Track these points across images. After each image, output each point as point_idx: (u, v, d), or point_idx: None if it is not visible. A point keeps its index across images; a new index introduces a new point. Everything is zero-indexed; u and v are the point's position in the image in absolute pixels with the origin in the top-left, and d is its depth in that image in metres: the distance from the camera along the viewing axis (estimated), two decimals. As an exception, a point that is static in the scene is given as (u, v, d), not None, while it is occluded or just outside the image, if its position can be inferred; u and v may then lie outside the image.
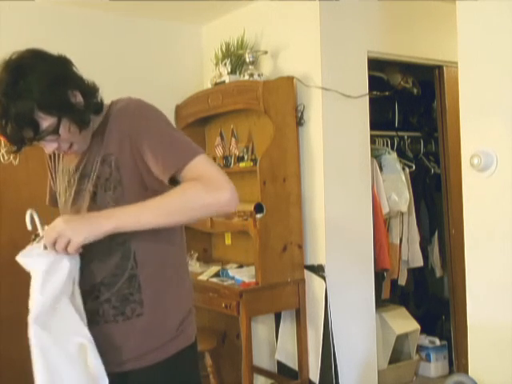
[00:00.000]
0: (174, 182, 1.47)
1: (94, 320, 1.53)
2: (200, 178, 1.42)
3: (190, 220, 1.50)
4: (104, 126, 1.56)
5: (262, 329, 3.82)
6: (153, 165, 1.47)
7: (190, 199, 1.42)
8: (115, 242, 1.51)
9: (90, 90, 1.52)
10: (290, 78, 3.44)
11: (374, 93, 3.75)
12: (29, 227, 1.46)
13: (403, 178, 4.09)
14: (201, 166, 1.44)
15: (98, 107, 1.55)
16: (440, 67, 4.05)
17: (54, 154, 1.69)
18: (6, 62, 1.44)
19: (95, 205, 1.52)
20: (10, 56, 1.44)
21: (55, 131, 1.44)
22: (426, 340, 4.21)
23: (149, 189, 1.51)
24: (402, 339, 4.08)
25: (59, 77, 1.45)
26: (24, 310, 1.42)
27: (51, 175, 1.77)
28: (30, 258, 1.42)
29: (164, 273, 1.57)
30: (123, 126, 1.51)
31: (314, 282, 3.43)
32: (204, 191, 1.41)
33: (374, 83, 3.78)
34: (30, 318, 1.39)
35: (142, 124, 1.49)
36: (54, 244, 1.39)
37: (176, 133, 1.52)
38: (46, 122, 1.42)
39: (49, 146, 1.49)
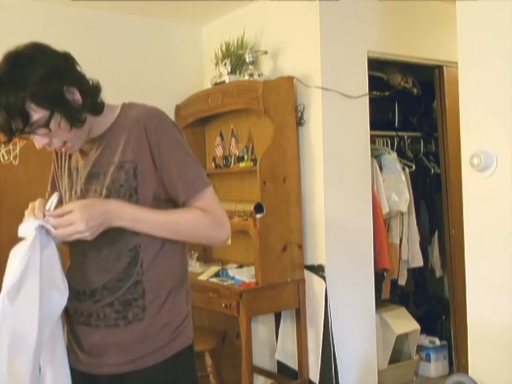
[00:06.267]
0: None
1: (94, 323, 1.53)
2: (208, 213, 1.55)
3: (184, 240, 1.62)
4: (117, 130, 1.55)
5: (262, 329, 3.82)
6: (167, 183, 1.54)
7: (197, 229, 1.56)
8: (127, 247, 1.53)
9: (89, 90, 1.50)
10: (290, 78, 3.44)
11: (374, 93, 3.75)
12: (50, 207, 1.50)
13: (403, 177, 4.09)
14: (208, 199, 1.57)
15: (97, 108, 1.52)
16: (440, 67, 4.05)
17: (61, 151, 1.68)
18: (8, 52, 1.43)
19: None
20: (14, 48, 1.43)
21: (46, 125, 1.41)
22: (426, 340, 4.21)
23: (160, 198, 1.55)
24: (402, 339, 4.08)
25: (56, 70, 1.42)
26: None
27: (55, 171, 1.75)
28: (23, 227, 1.46)
29: (167, 279, 1.58)
30: (143, 135, 1.51)
31: (313, 282, 3.43)
32: (210, 227, 1.56)
33: (374, 83, 3.78)
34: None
35: (164, 141, 1.52)
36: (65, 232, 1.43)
37: (190, 158, 1.58)
38: (37, 114, 1.39)
39: (40, 141, 1.47)
